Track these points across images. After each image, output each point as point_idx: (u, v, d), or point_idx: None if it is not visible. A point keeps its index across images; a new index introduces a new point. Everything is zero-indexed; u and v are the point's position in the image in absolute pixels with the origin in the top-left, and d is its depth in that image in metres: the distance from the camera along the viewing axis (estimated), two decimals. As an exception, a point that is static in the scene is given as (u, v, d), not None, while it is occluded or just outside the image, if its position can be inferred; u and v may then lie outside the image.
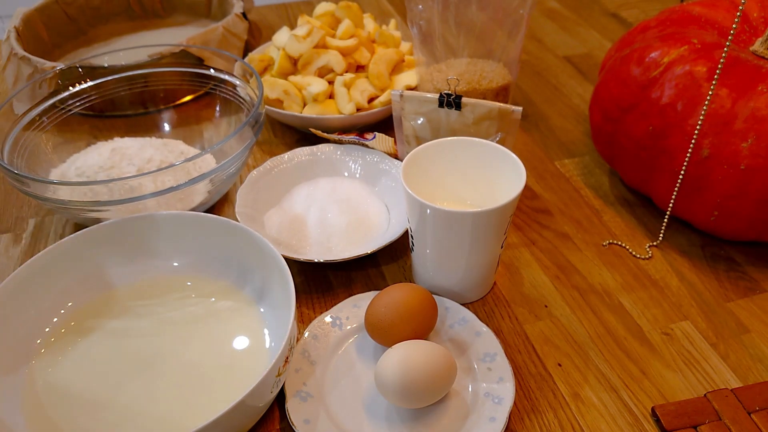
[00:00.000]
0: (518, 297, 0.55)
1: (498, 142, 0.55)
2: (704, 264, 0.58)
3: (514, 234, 0.61)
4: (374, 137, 0.68)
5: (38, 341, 0.49)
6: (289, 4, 1.07)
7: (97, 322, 0.51)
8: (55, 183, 0.57)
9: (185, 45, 0.75)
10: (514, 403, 0.46)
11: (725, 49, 0.51)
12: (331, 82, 0.73)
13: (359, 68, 0.76)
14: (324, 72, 0.74)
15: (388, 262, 0.58)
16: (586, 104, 0.80)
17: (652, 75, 0.57)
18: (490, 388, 0.46)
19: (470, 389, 0.46)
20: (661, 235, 0.60)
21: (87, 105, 0.69)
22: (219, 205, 0.66)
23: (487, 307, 0.54)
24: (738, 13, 0.50)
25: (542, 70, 0.88)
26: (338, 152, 0.66)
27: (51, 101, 0.66)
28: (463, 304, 0.52)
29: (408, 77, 0.74)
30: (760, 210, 0.53)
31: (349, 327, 0.51)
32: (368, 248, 0.55)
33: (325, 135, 0.68)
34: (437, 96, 0.60)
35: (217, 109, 0.71)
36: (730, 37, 0.51)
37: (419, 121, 0.62)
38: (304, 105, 0.72)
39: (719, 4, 0.62)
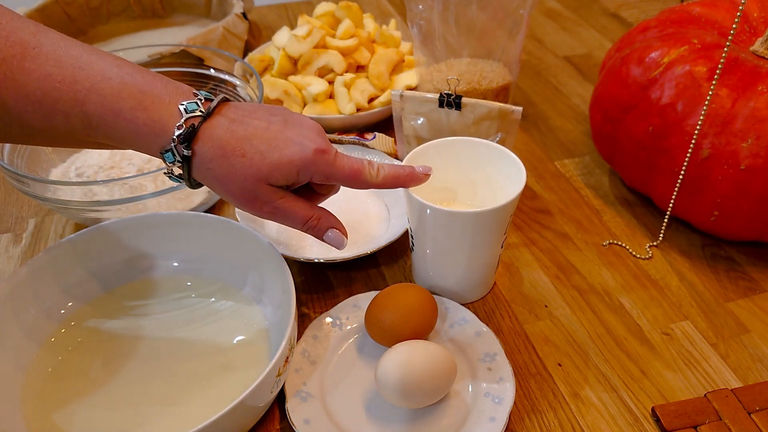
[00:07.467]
0: (518, 297, 0.55)
1: (498, 142, 0.55)
2: (704, 264, 0.58)
3: (514, 234, 0.61)
4: (374, 137, 0.68)
5: (38, 341, 0.49)
6: (289, 4, 1.07)
7: (97, 322, 0.51)
8: (55, 183, 0.57)
9: (185, 45, 0.75)
10: (514, 403, 0.46)
11: (725, 49, 0.51)
12: (331, 82, 0.73)
13: (359, 68, 0.76)
14: (324, 72, 0.74)
15: (388, 262, 0.58)
16: (586, 104, 0.80)
17: (652, 75, 0.57)
18: (490, 388, 0.46)
19: (470, 389, 0.46)
20: (661, 235, 0.60)
21: (87, 105, 0.69)
22: (219, 205, 0.66)
23: (487, 307, 0.54)
24: (738, 13, 0.50)
25: (542, 70, 0.88)
26: (338, 152, 0.66)
27: (51, 101, 0.66)
28: (463, 304, 0.52)
29: (408, 77, 0.74)
30: (760, 210, 0.53)
31: (349, 327, 0.51)
32: (368, 248, 0.55)
33: (325, 135, 0.68)
34: (437, 96, 0.60)
35: (217, 109, 0.71)
36: (730, 37, 0.51)
37: (419, 121, 0.62)
38: (304, 105, 0.72)
39: (719, 4, 0.62)
